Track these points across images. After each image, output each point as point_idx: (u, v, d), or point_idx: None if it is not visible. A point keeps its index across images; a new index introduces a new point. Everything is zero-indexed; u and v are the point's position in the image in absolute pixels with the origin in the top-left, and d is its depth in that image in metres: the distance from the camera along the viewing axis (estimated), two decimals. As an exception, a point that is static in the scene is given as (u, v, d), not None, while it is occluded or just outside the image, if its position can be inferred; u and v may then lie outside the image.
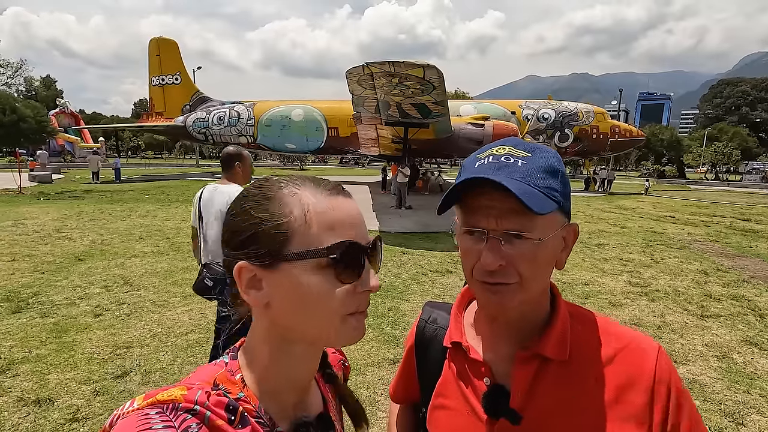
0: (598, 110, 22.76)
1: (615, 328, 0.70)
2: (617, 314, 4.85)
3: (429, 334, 0.84)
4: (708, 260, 7.66)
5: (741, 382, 3.42)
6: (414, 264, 6.75)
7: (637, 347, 0.67)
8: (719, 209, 16.27)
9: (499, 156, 0.65)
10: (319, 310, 0.54)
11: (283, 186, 0.56)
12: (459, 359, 0.74)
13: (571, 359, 0.67)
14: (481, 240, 0.63)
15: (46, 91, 61.90)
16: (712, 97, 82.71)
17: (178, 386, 0.51)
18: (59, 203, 12.75)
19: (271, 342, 0.57)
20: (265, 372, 0.57)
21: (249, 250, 0.54)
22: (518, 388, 0.66)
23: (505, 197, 0.60)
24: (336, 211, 0.55)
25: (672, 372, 0.66)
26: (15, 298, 4.73)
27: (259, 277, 0.54)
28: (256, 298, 0.55)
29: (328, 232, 0.53)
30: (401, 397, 0.94)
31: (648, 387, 0.63)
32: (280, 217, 0.53)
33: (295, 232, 0.53)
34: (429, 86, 11.63)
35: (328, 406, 0.66)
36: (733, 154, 46.30)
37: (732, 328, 4.54)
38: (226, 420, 0.50)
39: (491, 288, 0.64)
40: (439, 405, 0.76)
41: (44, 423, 2.63)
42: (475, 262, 0.64)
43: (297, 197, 0.55)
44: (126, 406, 0.50)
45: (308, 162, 52.33)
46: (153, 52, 25.16)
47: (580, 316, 0.72)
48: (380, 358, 3.62)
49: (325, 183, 0.58)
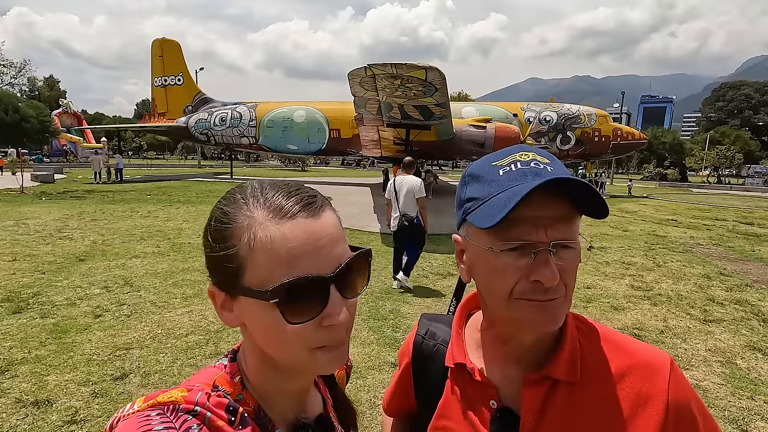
0: (600, 113, 22.72)
1: (623, 342, 0.67)
2: (619, 318, 4.81)
3: (427, 350, 0.80)
4: (711, 264, 7.61)
5: (745, 388, 3.39)
6: (415, 266, 6.71)
7: (647, 363, 0.64)
8: (722, 213, 16.21)
9: (528, 162, 0.61)
10: (281, 344, 0.51)
11: (237, 205, 0.51)
12: (462, 380, 0.71)
13: (581, 379, 0.64)
14: (525, 255, 0.58)
15: (49, 91, 62.18)
16: (715, 101, 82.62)
17: (178, 388, 0.51)
18: (61, 203, 12.77)
19: (256, 356, 0.56)
20: (257, 379, 0.56)
21: (212, 275, 0.53)
22: (528, 411, 0.63)
23: (554, 203, 0.57)
24: (287, 241, 0.48)
25: (686, 389, 0.63)
26: (15, 298, 4.72)
27: (228, 300, 0.53)
28: (228, 319, 0.53)
29: (276, 267, 0.47)
30: (395, 412, 0.91)
31: (662, 406, 0.61)
32: (228, 247, 0.49)
33: (244, 264, 0.49)
34: (431, 88, 11.62)
35: (328, 407, 0.65)
36: (735, 157, 46.18)
37: (735, 333, 4.50)
38: (227, 421, 0.50)
39: (541, 306, 0.59)
40: (441, 427, 0.73)
41: (42, 425, 2.62)
42: (517, 281, 0.59)
43: (247, 223, 0.49)
44: (126, 409, 0.50)
45: (310, 163, 52.38)
46: (156, 52, 25.24)
47: (587, 330, 0.69)
48: (381, 361, 3.60)
49: (287, 200, 0.50)
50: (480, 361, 0.71)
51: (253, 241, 0.48)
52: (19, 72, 36.42)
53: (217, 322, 4.21)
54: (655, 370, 0.63)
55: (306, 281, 0.48)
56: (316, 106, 23.16)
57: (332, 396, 0.69)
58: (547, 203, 0.57)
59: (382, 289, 5.50)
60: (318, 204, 0.52)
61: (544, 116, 22.02)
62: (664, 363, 0.63)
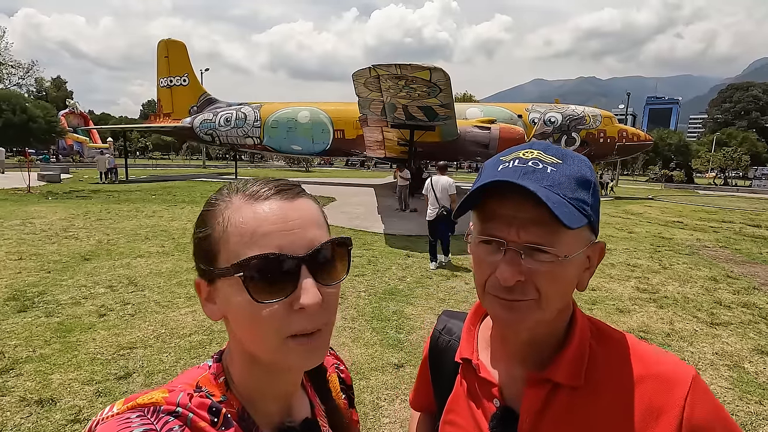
0: (605, 114, 22.61)
1: (644, 351, 0.63)
2: (625, 321, 4.77)
3: (442, 346, 0.81)
4: (717, 267, 7.54)
5: (753, 392, 3.34)
6: (419, 267, 6.71)
7: (665, 374, 0.59)
8: (728, 215, 16.07)
9: (527, 160, 0.59)
10: (254, 331, 0.50)
11: (220, 196, 0.54)
12: (470, 376, 0.71)
13: (587, 384, 0.61)
14: (499, 251, 0.58)
15: (56, 91, 62.74)
16: (721, 102, 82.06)
17: (159, 389, 0.51)
18: (67, 203, 12.86)
19: (239, 354, 0.55)
20: (241, 379, 0.56)
21: (196, 264, 0.54)
22: (527, 412, 0.62)
23: (530, 206, 0.55)
24: (258, 220, 0.49)
25: (711, 409, 0.57)
26: (21, 296, 4.75)
27: (211, 292, 0.53)
28: (211, 311, 0.54)
29: (245, 245, 0.48)
30: (420, 406, 0.92)
31: (675, 423, 0.56)
32: (205, 230, 0.52)
33: (219, 246, 0.50)
34: (435, 89, 11.61)
35: (316, 411, 0.64)
36: (742, 159, 45.82)
37: (743, 336, 4.45)
38: (209, 422, 0.49)
39: (506, 304, 0.58)
40: (449, 421, 0.73)
41: (46, 424, 2.62)
42: (490, 275, 0.59)
43: (223, 207, 0.52)
44: (105, 411, 0.49)
45: (314, 164, 52.50)
46: (161, 53, 25.41)
47: (607, 338, 0.65)
48: (384, 362, 3.58)
49: (263, 187, 0.52)
50: (487, 359, 0.71)
51: (227, 222, 0.50)
52: (27, 73, 36.75)
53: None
54: (673, 383, 0.58)
55: (273, 257, 0.48)
56: (321, 107, 23.22)
57: (325, 407, 0.67)
58: (523, 205, 0.55)
59: (385, 290, 5.48)
60: (294, 191, 0.53)
61: (548, 117, 21.94)
62: (685, 376, 0.58)
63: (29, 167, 16.69)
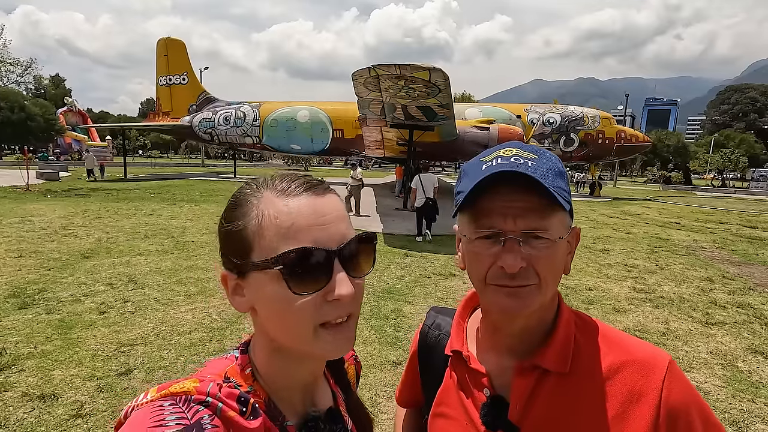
0: (604, 115, 22.67)
1: (622, 339, 0.67)
2: (621, 320, 4.82)
3: (432, 340, 0.83)
4: (714, 267, 7.60)
5: (746, 390, 3.39)
6: (417, 266, 6.74)
7: (644, 359, 0.63)
8: (725, 216, 16.14)
9: (508, 157, 0.63)
10: (287, 321, 0.52)
11: (250, 190, 0.55)
12: (459, 368, 0.73)
13: (573, 371, 0.64)
14: (497, 243, 0.61)
15: (55, 89, 62.53)
16: (720, 103, 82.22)
17: (190, 379, 0.52)
18: (66, 201, 12.85)
19: (265, 345, 0.57)
20: (267, 370, 0.58)
21: (225, 257, 0.55)
22: (517, 400, 0.65)
23: (523, 195, 0.59)
24: (292, 215, 0.51)
25: (686, 392, 0.62)
26: (21, 294, 4.77)
27: (240, 284, 0.55)
28: (239, 304, 0.55)
29: (282, 239, 0.50)
30: (406, 402, 0.93)
31: (654, 404, 0.60)
32: (239, 225, 0.53)
33: (253, 240, 0.52)
34: (435, 89, 11.63)
35: (338, 401, 0.67)
36: (740, 160, 45.96)
37: (737, 336, 4.50)
38: (238, 411, 0.51)
39: (511, 291, 0.61)
40: (439, 413, 0.75)
41: (48, 418, 2.65)
42: (489, 267, 0.62)
43: (256, 202, 0.53)
44: (140, 398, 0.51)
45: (313, 163, 52.48)
46: (161, 52, 25.38)
47: (585, 326, 0.70)
48: (382, 360, 3.62)
49: (293, 182, 0.55)
50: (478, 350, 0.73)
51: (262, 217, 0.52)
52: (26, 70, 36.65)
53: (220, 320, 4.24)
54: (651, 368, 0.62)
55: (310, 251, 0.50)
56: (320, 106, 23.23)
57: (346, 401, 0.69)
58: (516, 194, 0.60)
59: (384, 289, 5.52)
60: (323, 186, 0.56)
61: (547, 118, 21.99)
62: (661, 361, 0.63)
63: (28, 165, 16.67)
